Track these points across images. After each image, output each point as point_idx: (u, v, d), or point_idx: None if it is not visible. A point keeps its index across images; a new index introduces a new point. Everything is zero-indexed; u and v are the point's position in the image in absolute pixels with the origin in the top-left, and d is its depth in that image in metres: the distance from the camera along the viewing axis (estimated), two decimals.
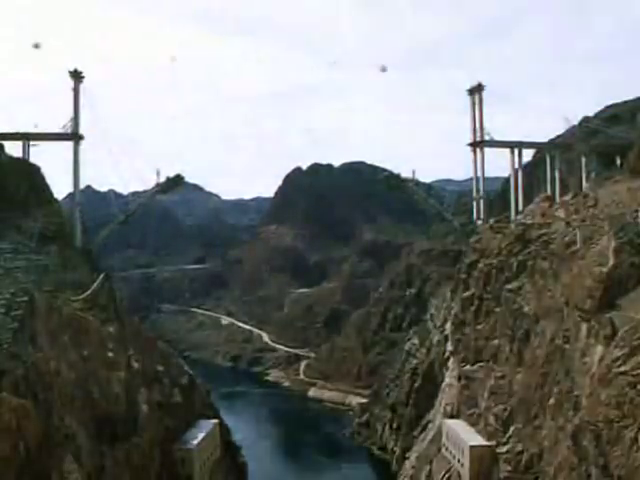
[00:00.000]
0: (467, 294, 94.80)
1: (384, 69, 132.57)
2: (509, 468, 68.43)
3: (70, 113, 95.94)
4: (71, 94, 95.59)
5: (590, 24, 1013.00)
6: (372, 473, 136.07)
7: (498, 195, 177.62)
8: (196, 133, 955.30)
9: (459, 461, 77.60)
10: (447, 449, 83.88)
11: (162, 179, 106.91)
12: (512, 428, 70.56)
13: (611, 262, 58.37)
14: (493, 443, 73.37)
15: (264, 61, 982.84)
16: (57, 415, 45.74)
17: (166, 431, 70.39)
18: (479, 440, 76.02)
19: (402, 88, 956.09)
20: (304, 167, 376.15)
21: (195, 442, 74.85)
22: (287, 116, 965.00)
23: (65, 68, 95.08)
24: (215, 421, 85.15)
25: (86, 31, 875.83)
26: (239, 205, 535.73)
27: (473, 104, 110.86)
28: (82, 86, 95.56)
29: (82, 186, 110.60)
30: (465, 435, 78.28)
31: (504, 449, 70.65)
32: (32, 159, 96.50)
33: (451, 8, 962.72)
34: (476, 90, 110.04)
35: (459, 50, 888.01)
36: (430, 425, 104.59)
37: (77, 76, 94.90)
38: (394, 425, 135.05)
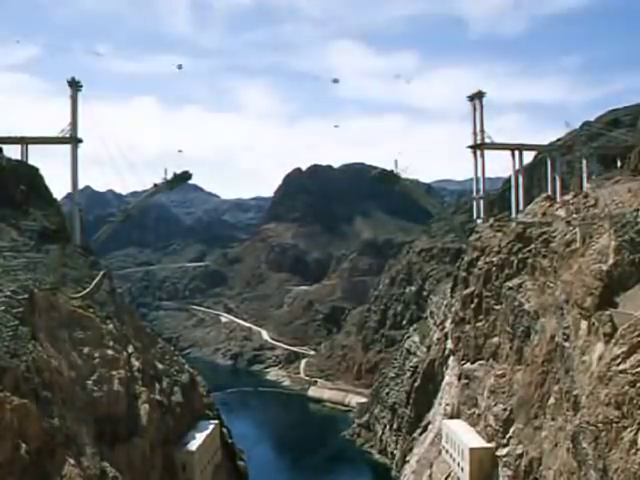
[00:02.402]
0: (467, 292, 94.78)
1: (336, 81, 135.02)
2: (509, 472, 68.15)
3: (69, 118, 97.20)
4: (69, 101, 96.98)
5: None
6: (372, 478, 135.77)
7: (498, 195, 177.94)
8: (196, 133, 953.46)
9: (459, 464, 77.09)
10: (447, 452, 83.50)
11: (168, 176, 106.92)
12: (512, 429, 70.30)
13: (611, 260, 58.32)
14: (493, 445, 73.00)
15: None
16: (58, 415, 45.58)
17: (167, 431, 70.05)
18: (479, 442, 75.36)
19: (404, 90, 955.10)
20: (304, 168, 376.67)
21: (196, 445, 73.95)
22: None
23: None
24: (216, 422, 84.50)
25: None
26: (239, 204, 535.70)
27: (474, 109, 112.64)
28: (80, 94, 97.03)
29: (81, 186, 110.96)
30: (465, 437, 77.69)
31: (504, 451, 70.32)
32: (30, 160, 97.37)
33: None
34: (476, 96, 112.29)
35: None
36: (430, 426, 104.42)
37: (75, 85, 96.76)
38: (394, 426, 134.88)
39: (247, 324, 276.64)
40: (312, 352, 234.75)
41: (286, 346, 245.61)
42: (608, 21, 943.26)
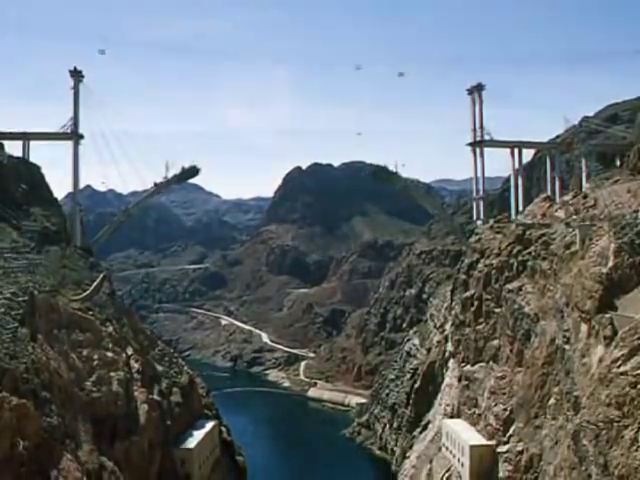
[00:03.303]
0: (467, 294, 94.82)
1: (359, 67, 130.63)
2: (509, 468, 68.46)
3: (70, 112, 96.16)
4: (71, 93, 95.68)
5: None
6: (372, 473, 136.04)
7: (498, 195, 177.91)
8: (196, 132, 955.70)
9: (459, 460, 77.62)
10: (447, 449, 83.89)
11: (170, 174, 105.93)
12: (512, 428, 70.58)
13: (611, 262, 58.32)
14: (493, 443, 73.37)
15: None
16: (57, 414, 45.70)
17: (165, 431, 70.28)
18: (479, 439, 76.03)
19: (403, 88, 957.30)
20: (304, 167, 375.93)
21: (194, 442, 74.69)
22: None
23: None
24: (214, 421, 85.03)
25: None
26: (239, 205, 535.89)
27: (473, 103, 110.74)
28: (82, 85, 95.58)
29: (82, 186, 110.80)
30: (465, 434, 78.31)
31: (504, 449, 70.65)
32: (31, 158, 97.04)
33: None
34: (475, 89, 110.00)
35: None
36: (430, 425, 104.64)
37: (77, 75, 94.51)
38: (394, 425, 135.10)
39: (247, 326, 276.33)
40: (312, 354, 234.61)
41: (286, 348, 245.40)
42: None
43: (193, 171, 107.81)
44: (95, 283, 76.48)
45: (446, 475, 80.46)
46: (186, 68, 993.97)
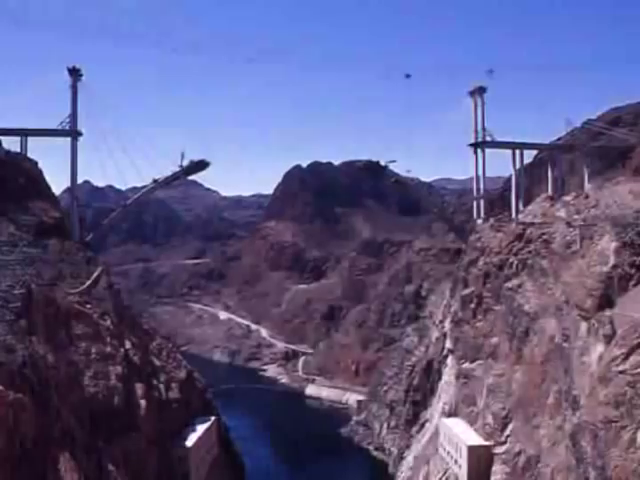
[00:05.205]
0: (467, 292, 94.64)
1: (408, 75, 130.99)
2: (507, 469, 68.21)
3: (68, 109, 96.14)
4: (69, 91, 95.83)
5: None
6: (369, 474, 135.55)
7: (498, 195, 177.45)
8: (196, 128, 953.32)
9: (456, 462, 77.12)
10: (444, 449, 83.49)
11: (172, 169, 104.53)
12: (510, 427, 70.43)
13: (611, 262, 58.29)
14: (491, 443, 73.03)
15: None
16: (54, 410, 45.42)
17: (164, 427, 69.97)
18: (477, 440, 75.55)
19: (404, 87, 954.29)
20: (304, 165, 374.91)
21: (192, 440, 74.05)
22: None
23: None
24: (213, 418, 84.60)
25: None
26: (238, 201, 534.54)
27: (475, 105, 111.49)
28: (80, 83, 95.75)
29: (80, 181, 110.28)
30: (463, 435, 77.83)
31: (502, 449, 70.41)
32: (29, 154, 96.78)
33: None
34: (477, 92, 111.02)
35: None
36: (428, 424, 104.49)
37: (75, 73, 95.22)
38: (392, 424, 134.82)
39: (245, 322, 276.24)
40: (310, 350, 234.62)
41: (284, 344, 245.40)
42: None
43: (202, 165, 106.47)
44: (93, 276, 76.25)
45: (443, 477, 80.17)
46: None
